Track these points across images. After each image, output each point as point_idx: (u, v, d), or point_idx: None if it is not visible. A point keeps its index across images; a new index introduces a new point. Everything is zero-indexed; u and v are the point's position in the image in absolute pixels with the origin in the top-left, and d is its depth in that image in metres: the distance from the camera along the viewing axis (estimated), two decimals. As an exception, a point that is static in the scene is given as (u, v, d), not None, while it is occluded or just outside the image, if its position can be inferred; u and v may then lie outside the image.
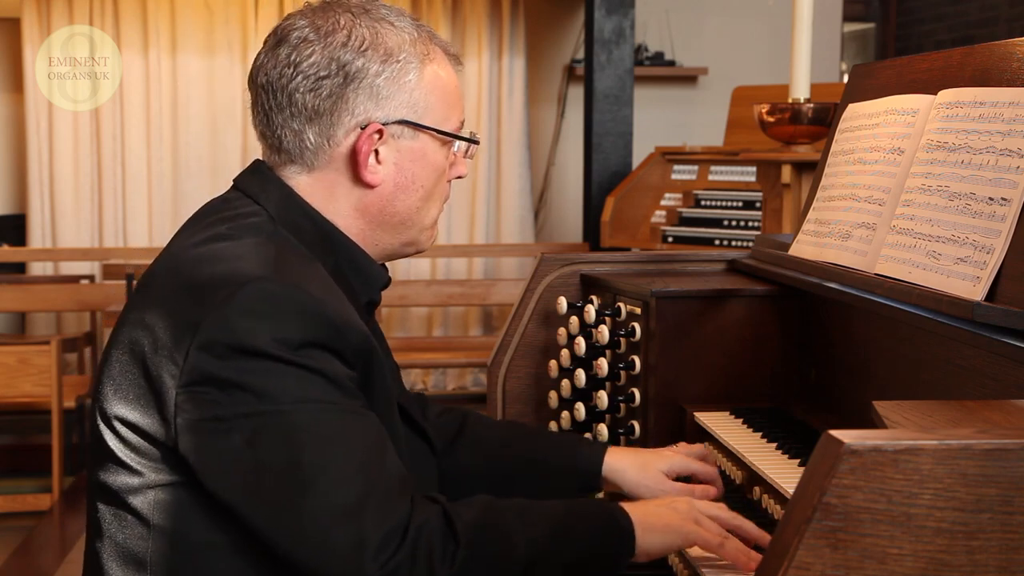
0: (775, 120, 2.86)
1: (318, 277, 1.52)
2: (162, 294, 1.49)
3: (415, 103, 1.62)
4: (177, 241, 1.59)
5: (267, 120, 1.61)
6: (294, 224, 1.59)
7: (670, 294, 2.12)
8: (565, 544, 1.53)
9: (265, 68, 1.61)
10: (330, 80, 1.57)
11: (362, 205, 1.63)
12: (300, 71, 1.58)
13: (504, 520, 1.52)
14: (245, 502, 1.43)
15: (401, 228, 1.66)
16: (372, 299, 1.70)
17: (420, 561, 1.42)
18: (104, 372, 1.53)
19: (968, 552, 1.01)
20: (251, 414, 1.41)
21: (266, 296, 1.43)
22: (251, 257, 1.49)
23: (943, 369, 1.62)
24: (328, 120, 1.59)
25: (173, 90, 6.79)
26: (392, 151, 1.62)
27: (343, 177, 1.62)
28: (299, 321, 1.43)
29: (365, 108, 1.59)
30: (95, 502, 1.55)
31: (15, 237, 6.84)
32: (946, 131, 1.73)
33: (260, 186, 1.62)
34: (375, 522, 1.41)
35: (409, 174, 1.63)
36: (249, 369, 1.41)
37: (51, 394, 4.82)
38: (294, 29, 1.60)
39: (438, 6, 6.95)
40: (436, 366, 6.63)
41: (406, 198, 1.64)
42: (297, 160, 1.61)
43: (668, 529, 1.58)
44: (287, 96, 1.58)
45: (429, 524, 1.45)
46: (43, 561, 4.52)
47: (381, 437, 1.48)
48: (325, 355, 1.45)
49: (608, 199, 5.98)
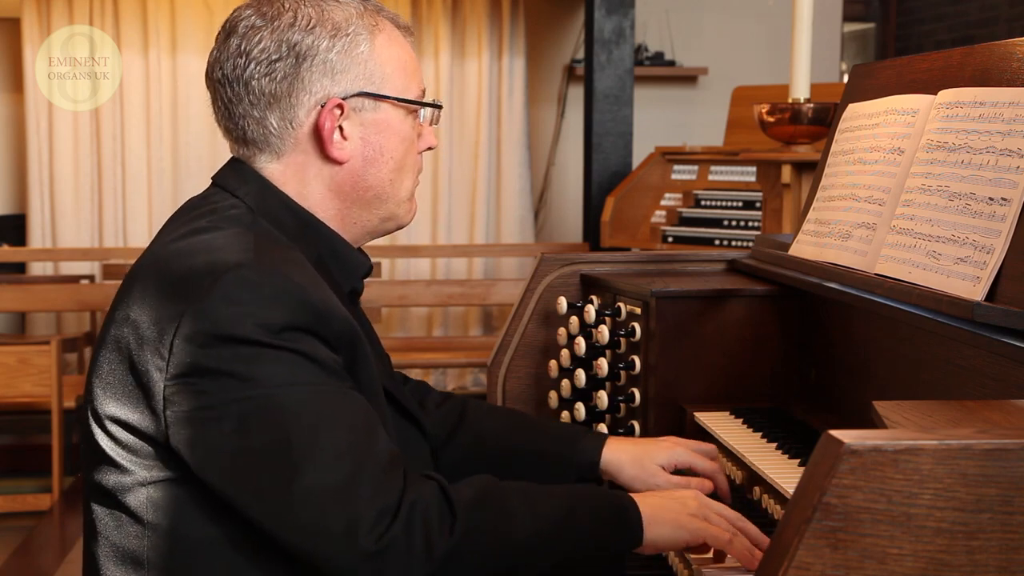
0: (775, 120, 2.86)
1: (299, 263, 1.52)
2: (144, 290, 1.50)
3: (371, 74, 1.62)
4: (158, 239, 1.60)
5: (228, 113, 1.62)
6: (274, 215, 1.60)
7: (670, 294, 2.12)
8: (569, 528, 1.52)
9: (219, 62, 1.62)
10: (283, 62, 1.58)
11: (335, 184, 1.64)
12: (252, 58, 1.58)
13: (505, 498, 1.51)
14: (237, 489, 1.43)
15: (376, 203, 1.67)
16: (355, 288, 1.71)
17: (416, 535, 1.41)
18: (93, 373, 1.53)
19: (968, 552, 1.01)
20: (238, 400, 1.41)
21: (246, 282, 1.44)
22: (230, 246, 1.49)
23: (943, 369, 1.62)
24: (287, 102, 1.59)
25: (173, 90, 6.79)
26: (356, 125, 1.62)
27: (312, 158, 1.62)
28: (280, 305, 1.44)
29: (322, 85, 1.60)
30: (90, 504, 1.55)
31: (15, 237, 6.84)
32: (946, 131, 1.73)
33: (238, 180, 1.63)
34: (367, 500, 1.41)
35: (376, 146, 1.64)
36: (234, 356, 1.42)
37: (51, 394, 4.82)
38: (241, 19, 1.61)
39: (438, 6, 6.95)
40: (436, 366, 6.62)
41: (377, 171, 1.65)
42: (264, 149, 1.62)
43: (677, 524, 1.57)
44: (243, 85, 1.59)
45: (424, 499, 1.45)
46: (43, 561, 4.52)
47: (369, 416, 1.49)
48: (308, 338, 1.45)
49: (608, 199, 5.98)
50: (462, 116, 7.02)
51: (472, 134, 7.02)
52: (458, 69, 7.01)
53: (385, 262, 6.56)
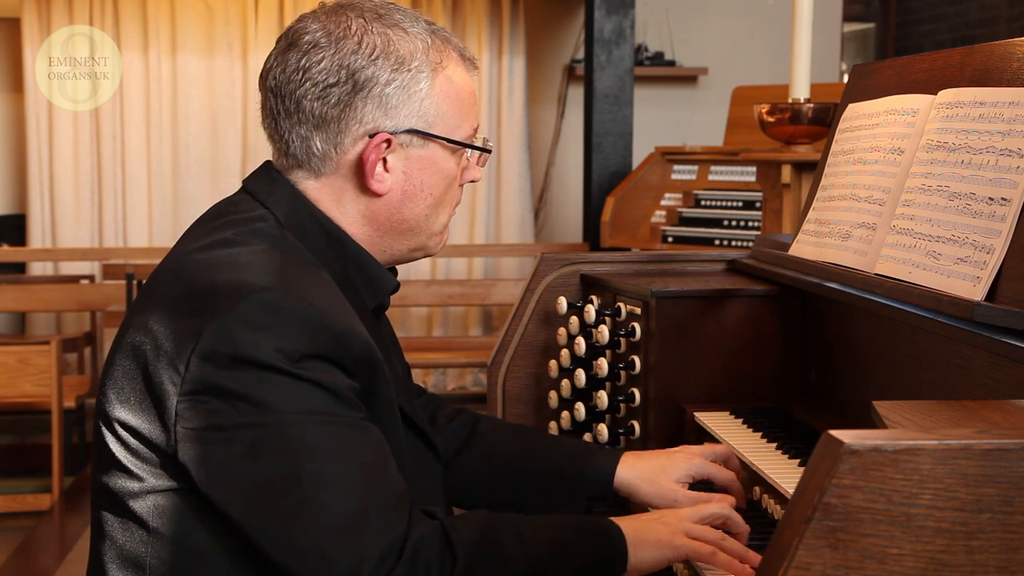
0: (775, 120, 2.86)
1: (323, 286, 1.50)
2: (165, 299, 1.49)
3: (425, 112, 1.59)
4: (183, 244, 1.58)
5: (275, 124, 1.60)
6: (302, 229, 1.58)
7: (670, 294, 2.12)
8: (560, 561, 1.53)
9: (275, 71, 1.59)
10: (339, 88, 1.56)
11: (369, 212, 1.62)
12: (309, 77, 1.56)
13: (501, 537, 1.51)
14: (243, 512, 1.43)
15: (410, 235, 1.65)
16: (381, 303, 1.69)
17: (418, 574, 1.42)
18: (108, 375, 1.52)
19: (968, 552, 1.01)
20: (252, 425, 1.40)
21: (269, 307, 1.42)
22: (255, 265, 1.48)
23: (943, 369, 1.62)
24: (336, 128, 1.57)
25: (173, 90, 6.79)
26: (400, 159, 1.60)
27: (350, 184, 1.60)
28: (301, 333, 1.42)
29: (374, 117, 1.57)
30: (98, 505, 1.55)
31: (15, 237, 6.84)
32: (946, 131, 1.73)
33: (269, 189, 1.61)
34: (373, 537, 1.41)
35: (417, 182, 1.62)
36: (251, 380, 1.40)
37: (51, 394, 4.82)
38: (306, 32, 1.58)
39: (438, 6, 6.95)
40: (436, 366, 6.63)
41: (414, 206, 1.63)
42: (304, 165, 1.60)
43: (659, 544, 1.58)
44: (295, 102, 1.57)
45: (426, 540, 1.44)
46: (43, 561, 4.52)
47: (381, 450, 1.47)
48: (326, 366, 1.44)
49: (608, 199, 5.98)
50: (462, 116, 7.01)
51: (472, 134, 7.01)
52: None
53: (385, 262, 6.55)
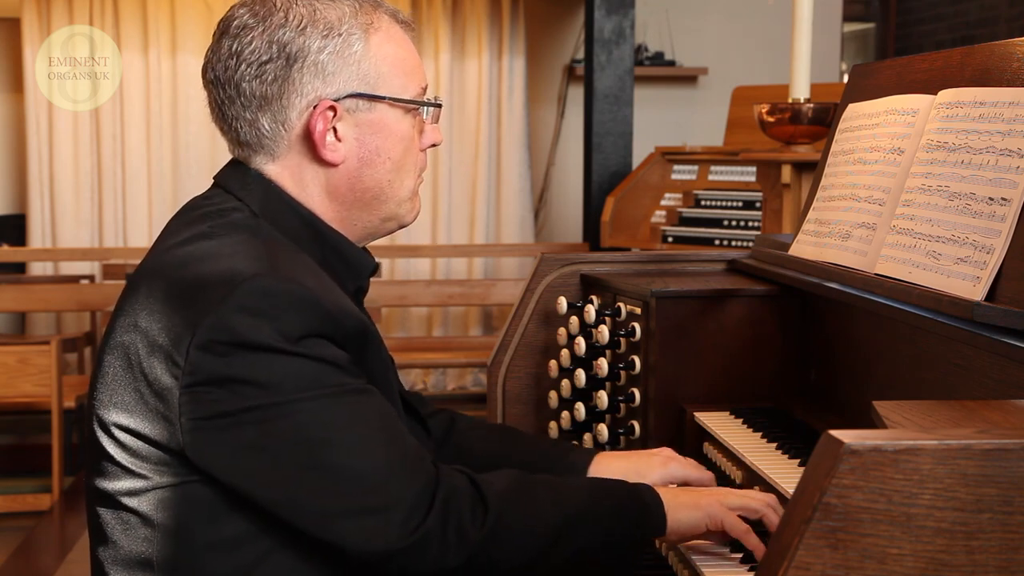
0: (775, 120, 2.86)
1: (310, 268, 1.52)
2: (152, 297, 1.49)
3: (365, 74, 1.59)
4: (161, 242, 1.59)
5: (222, 114, 1.60)
6: (277, 218, 1.58)
7: (670, 294, 2.12)
8: (595, 515, 1.54)
9: (212, 63, 1.60)
10: (273, 64, 1.56)
11: (331, 186, 1.61)
12: (243, 60, 1.56)
13: (534, 490, 1.53)
14: (266, 492, 1.44)
15: (375, 204, 1.64)
16: (360, 286, 1.70)
17: (450, 526, 1.44)
18: (98, 378, 1.52)
19: (968, 552, 1.01)
20: (261, 406, 1.42)
21: (263, 292, 1.43)
22: (241, 254, 1.48)
23: (943, 369, 1.62)
24: (278, 104, 1.57)
25: (173, 90, 6.79)
26: (351, 126, 1.59)
27: (306, 160, 1.60)
28: (297, 314, 1.44)
29: (313, 87, 1.57)
30: (95, 508, 1.54)
31: (15, 237, 6.84)
32: (946, 131, 1.73)
33: (240, 181, 1.61)
34: (400, 491, 1.43)
35: (372, 147, 1.61)
36: (253, 363, 1.41)
37: (51, 394, 4.82)
38: (234, 18, 1.59)
39: (438, 6, 6.95)
40: (436, 366, 6.62)
41: (374, 172, 1.62)
42: (259, 150, 1.60)
43: (696, 506, 1.60)
44: (235, 87, 1.57)
45: (457, 489, 1.47)
46: (43, 561, 4.52)
47: (389, 412, 1.50)
48: (323, 343, 1.46)
49: (608, 199, 5.98)
50: (462, 116, 7.02)
51: (472, 134, 7.02)
52: (458, 69, 7.01)
53: (385, 262, 6.55)
